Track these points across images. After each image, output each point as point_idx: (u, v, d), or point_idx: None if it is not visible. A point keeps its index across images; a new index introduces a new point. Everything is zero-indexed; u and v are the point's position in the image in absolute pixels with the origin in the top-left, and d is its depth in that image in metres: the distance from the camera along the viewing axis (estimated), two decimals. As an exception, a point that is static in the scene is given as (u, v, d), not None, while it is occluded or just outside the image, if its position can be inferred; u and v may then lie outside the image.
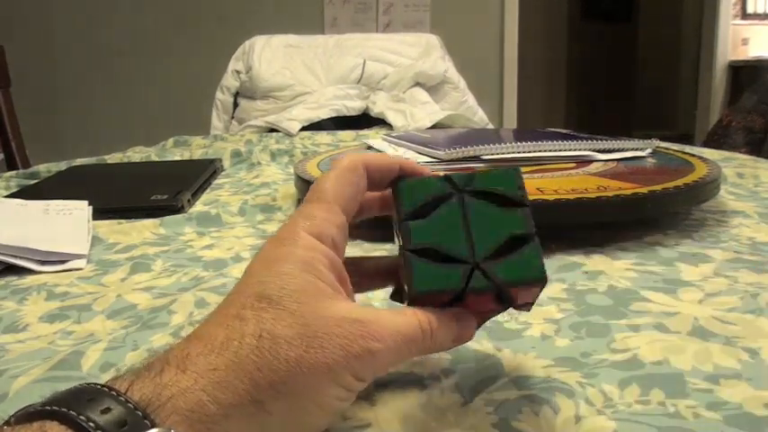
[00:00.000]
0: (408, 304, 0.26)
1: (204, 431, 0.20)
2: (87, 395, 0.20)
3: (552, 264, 0.46)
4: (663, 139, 0.94)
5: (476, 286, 0.25)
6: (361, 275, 0.30)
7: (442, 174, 0.28)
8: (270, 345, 0.22)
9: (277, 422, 0.22)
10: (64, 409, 0.19)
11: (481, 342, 0.33)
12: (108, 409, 0.19)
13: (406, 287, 0.26)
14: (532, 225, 0.26)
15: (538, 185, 0.53)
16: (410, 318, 0.25)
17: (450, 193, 0.27)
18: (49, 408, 0.19)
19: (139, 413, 0.19)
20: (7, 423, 0.20)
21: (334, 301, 0.24)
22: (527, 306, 0.29)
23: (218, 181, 0.85)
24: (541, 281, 0.25)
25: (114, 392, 0.20)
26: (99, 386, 0.20)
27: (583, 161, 0.65)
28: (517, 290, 0.26)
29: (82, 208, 0.61)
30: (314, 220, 0.26)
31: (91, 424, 0.19)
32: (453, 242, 0.26)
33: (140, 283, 0.45)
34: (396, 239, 0.29)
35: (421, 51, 1.94)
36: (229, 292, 0.25)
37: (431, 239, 0.26)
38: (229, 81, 1.89)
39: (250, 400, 0.21)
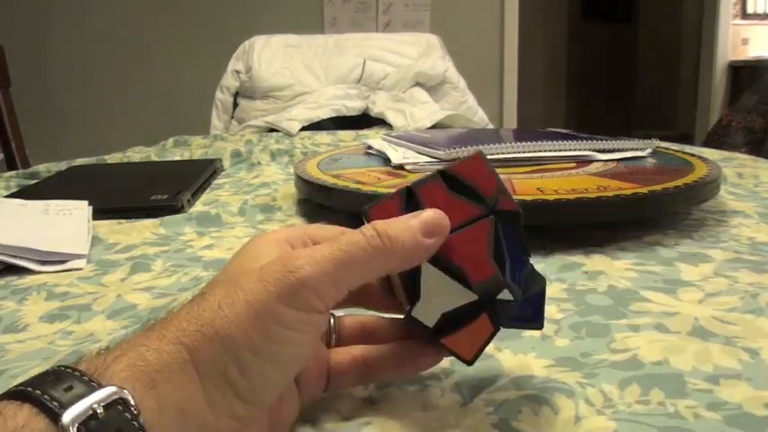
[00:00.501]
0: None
1: (147, 380, 0.20)
2: (52, 376, 0.20)
3: (552, 264, 0.46)
4: (663, 139, 0.94)
5: (420, 180, 0.27)
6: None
7: None
8: (199, 300, 0.23)
9: (215, 370, 0.21)
10: (29, 389, 0.20)
11: (481, 342, 0.33)
12: (70, 387, 0.20)
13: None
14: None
15: (538, 185, 0.53)
16: (357, 230, 0.25)
17: None
18: (12, 388, 0.20)
19: (94, 384, 0.20)
20: None
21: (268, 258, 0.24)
22: (504, 198, 0.27)
23: (218, 181, 0.85)
24: (478, 155, 0.27)
25: (77, 372, 0.20)
26: (62, 367, 0.21)
27: (583, 161, 0.65)
28: (459, 167, 0.27)
29: (82, 208, 0.61)
30: (279, 232, 0.27)
31: (55, 403, 0.19)
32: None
33: (140, 283, 0.45)
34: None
35: (421, 51, 1.94)
36: None
37: None
38: (229, 81, 1.89)
39: (181, 345, 0.21)
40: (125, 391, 0.19)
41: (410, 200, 0.27)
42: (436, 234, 0.25)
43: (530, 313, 0.27)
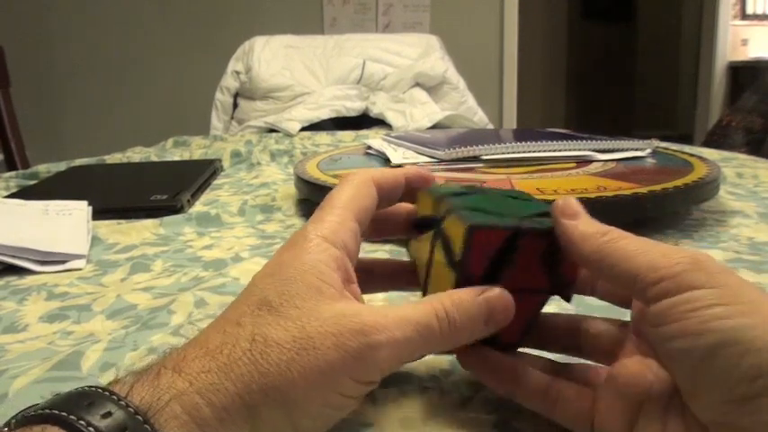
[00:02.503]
0: (461, 254, 0.25)
1: None
2: (87, 399, 0.20)
3: (552, 264, 0.46)
4: (663, 139, 0.94)
5: (531, 226, 0.25)
6: (369, 276, 0.30)
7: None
8: (261, 348, 0.21)
9: (270, 428, 0.21)
10: (63, 413, 0.19)
11: (481, 342, 0.33)
12: (108, 414, 0.19)
13: (452, 243, 0.26)
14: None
15: (538, 185, 0.53)
16: (422, 305, 0.24)
17: (474, 191, 0.29)
18: (48, 411, 0.19)
19: (140, 418, 0.19)
20: (7, 425, 0.20)
21: (336, 302, 0.23)
22: (570, 289, 0.27)
23: (217, 181, 0.85)
24: None
25: (115, 396, 0.20)
26: (99, 390, 0.20)
27: (583, 161, 0.65)
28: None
29: (81, 208, 0.61)
30: (323, 223, 0.26)
31: (91, 429, 0.18)
32: (496, 206, 0.26)
33: (140, 284, 0.45)
34: (411, 244, 0.30)
35: (420, 52, 1.94)
36: (234, 300, 0.24)
37: (474, 205, 0.26)
38: (229, 81, 1.90)
39: (242, 405, 0.20)
40: None
41: (510, 240, 0.25)
42: (496, 321, 0.25)
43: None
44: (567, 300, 0.27)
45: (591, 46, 5.28)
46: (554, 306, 0.33)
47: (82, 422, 0.18)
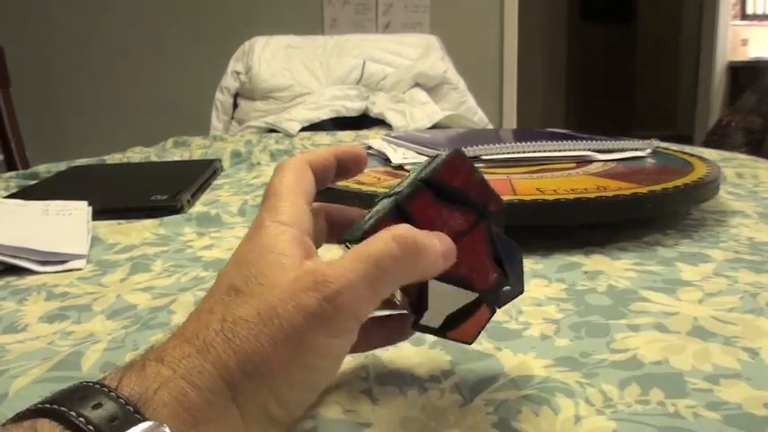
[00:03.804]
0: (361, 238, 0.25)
1: (190, 419, 0.20)
2: (78, 393, 0.20)
3: (552, 264, 0.46)
4: (663, 139, 0.94)
5: (404, 193, 0.25)
6: (333, 227, 0.30)
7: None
8: (231, 326, 0.22)
9: (255, 403, 0.22)
10: (56, 406, 0.19)
11: (481, 342, 0.33)
12: (99, 405, 0.19)
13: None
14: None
15: (538, 185, 0.53)
16: (375, 237, 0.24)
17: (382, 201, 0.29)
18: (40, 405, 0.20)
19: (130, 408, 0.19)
20: (3, 426, 0.20)
21: (295, 270, 0.23)
22: (493, 203, 0.27)
23: (217, 181, 0.85)
24: (457, 154, 0.26)
25: (105, 388, 0.20)
26: (90, 383, 0.21)
27: (582, 161, 0.65)
28: (442, 173, 0.26)
29: (81, 208, 0.61)
30: (276, 208, 0.26)
31: (81, 419, 0.19)
32: (383, 204, 0.27)
33: (140, 284, 0.45)
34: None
35: (420, 52, 1.94)
36: (205, 295, 0.25)
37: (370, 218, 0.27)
38: (229, 82, 1.89)
39: (224, 384, 0.21)
40: (166, 429, 0.19)
41: (400, 216, 0.25)
42: (447, 252, 0.25)
43: (519, 287, 0.28)
44: (501, 205, 0.27)
45: (591, 46, 5.28)
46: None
47: (73, 413, 0.19)
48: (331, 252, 0.40)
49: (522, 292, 0.28)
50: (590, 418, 0.26)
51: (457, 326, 0.27)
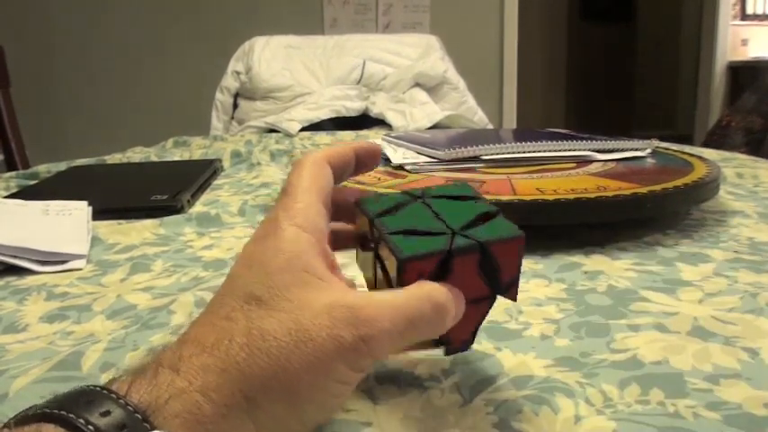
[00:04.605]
0: (395, 284, 0.25)
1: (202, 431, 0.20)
2: (86, 397, 0.20)
3: (552, 264, 0.46)
4: (663, 139, 0.94)
5: (461, 245, 0.25)
6: (335, 235, 0.30)
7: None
8: (259, 342, 0.21)
9: (273, 419, 0.21)
10: (63, 412, 0.19)
11: (481, 342, 0.33)
12: (107, 412, 0.19)
13: (388, 269, 0.26)
14: (496, 207, 0.28)
15: (538, 185, 0.53)
16: (413, 291, 0.24)
17: (410, 200, 0.29)
18: (47, 410, 0.19)
19: (138, 416, 0.19)
20: (6, 426, 0.20)
21: (327, 292, 0.23)
22: (513, 289, 0.27)
23: (217, 181, 0.85)
24: (520, 237, 0.26)
25: (114, 395, 0.20)
26: (98, 388, 0.20)
27: (583, 161, 0.65)
28: (499, 247, 0.26)
29: (81, 208, 0.61)
30: (294, 210, 0.26)
31: (90, 427, 0.18)
32: (427, 223, 0.27)
33: (140, 284, 0.45)
34: (364, 261, 0.30)
35: (420, 52, 1.94)
36: (216, 295, 0.24)
37: (405, 224, 0.26)
38: (229, 82, 1.90)
39: (243, 398, 0.21)
40: None
41: (445, 262, 0.25)
42: (458, 312, 0.26)
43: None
44: (513, 299, 0.28)
45: (591, 46, 5.28)
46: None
47: (81, 420, 0.18)
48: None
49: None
50: (590, 418, 0.26)
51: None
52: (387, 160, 0.69)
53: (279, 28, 2.16)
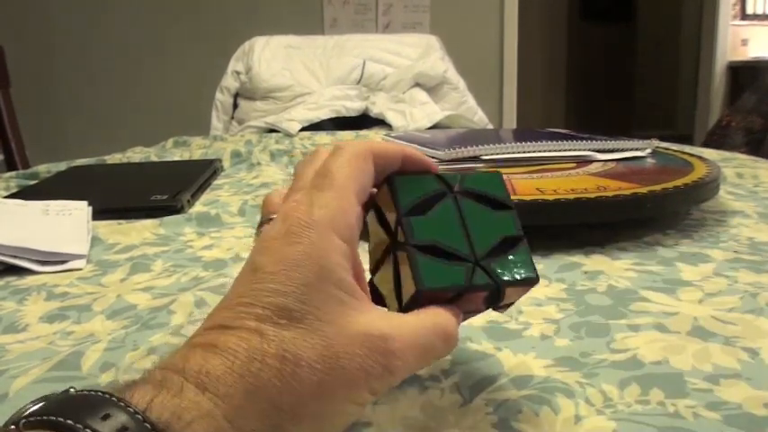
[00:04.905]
0: (407, 303, 0.26)
1: None
2: (100, 409, 0.18)
3: (552, 264, 0.46)
4: (663, 139, 0.94)
5: (478, 283, 0.25)
6: None
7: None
8: (292, 368, 0.21)
9: None
10: (69, 422, 0.18)
11: (481, 342, 0.33)
12: (125, 429, 0.18)
13: (402, 279, 0.26)
14: (521, 227, 0.28)
15: (538, 185, 0.53)
16: (430, 323, 0.24)
17: (444, 192, 0.28)
18: (53, 418, 0.18)
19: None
20: (15, 424, 0.19)
21: (358, 314, 0.23)
22: (505, 307, 0.28)
23: (217, 181, 0.85)
24: (535, 281, 0.26)
25: (131, 409, 0.18)
26: (111, 397, 0.19)
27: (582, 161, 0.65)
28: (513, 289, 0.26)
29: (81, 208, 0.61)
30: (328, 209, 0.23)
31: None
32: (453, 240, 0.26)
33: (140, 284, 0.45)
34: (376, 233, 0.29)
35: (420, 52, 1.94)
36: (238, 283, 0.23)
37: (432, 236, 0.26)
38: (229, 82, 1.90)
39: (270, 424, 0.20)
40: None
41: (468, 289, 0.26)
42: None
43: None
44: (501, 312, 0.29)
45: (591, 46, 5.27)
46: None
47: None
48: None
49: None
50: (590, 418, 0.26)
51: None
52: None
53: (279, 28, 2.16)
